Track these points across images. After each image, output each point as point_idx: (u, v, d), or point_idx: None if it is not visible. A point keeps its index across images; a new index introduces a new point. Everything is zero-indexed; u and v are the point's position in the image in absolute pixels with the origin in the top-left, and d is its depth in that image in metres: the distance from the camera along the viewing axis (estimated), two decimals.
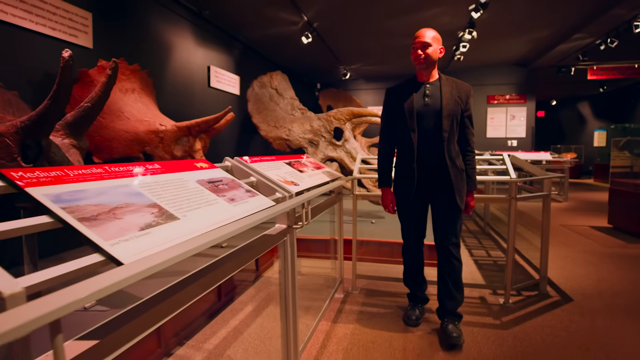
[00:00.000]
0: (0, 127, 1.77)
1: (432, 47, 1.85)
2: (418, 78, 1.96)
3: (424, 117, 1.89)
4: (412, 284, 2.20)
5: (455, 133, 1.92)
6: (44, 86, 2.73)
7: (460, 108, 1.90)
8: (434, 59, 1.88)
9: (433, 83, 1.93)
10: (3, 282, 0.45)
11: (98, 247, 0.61)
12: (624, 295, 2.53)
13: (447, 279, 1.98)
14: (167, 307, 0.76)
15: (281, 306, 1.45)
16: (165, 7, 4.12)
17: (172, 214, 0.83)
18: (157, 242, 0.70)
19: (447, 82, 1.93)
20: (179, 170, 1.09)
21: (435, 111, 1.87)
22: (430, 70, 1.92)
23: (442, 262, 2.01)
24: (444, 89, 1.89)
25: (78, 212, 0.67)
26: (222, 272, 0.96)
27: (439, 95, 1.89)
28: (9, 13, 2.49)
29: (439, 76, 1.95)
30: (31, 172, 0.71)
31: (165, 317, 0.75)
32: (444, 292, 2.01)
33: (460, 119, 1.91)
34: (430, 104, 1.88)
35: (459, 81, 1.96)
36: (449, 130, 1.86)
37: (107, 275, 0.55)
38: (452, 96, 1.88)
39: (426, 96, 1.90)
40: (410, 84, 1.97)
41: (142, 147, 2.91)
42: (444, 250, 1.98)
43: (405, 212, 2.07)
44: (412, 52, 1.91)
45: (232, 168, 1.45)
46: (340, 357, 1.80)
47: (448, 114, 1.85)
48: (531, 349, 1.87)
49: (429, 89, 1.91)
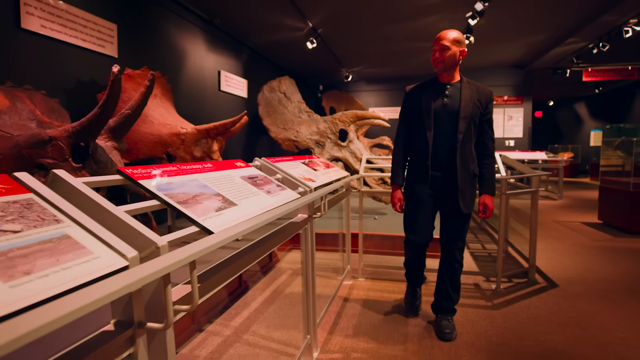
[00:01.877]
0: (54, 132, 2.03)
1: (452, 50, 1.84)
2: (439, 79, 1.96)
3: (442, 117, 1.89)
4: (412, 278, 2.25)
5: (473, 137, 1.91)
6: (76, 93, 3.00)
7: (479, 111, 1.89)
8: (453, 62, 1.87)
9: (454, 85, 1.92)
10: (155, 238, 0.71)
11: (195, 222, 0.87)
12: (605, 282, 2.79)
13: (447, 280, 2.03)
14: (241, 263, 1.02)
15: (303, 283, 1.71)
16: (180, 17, 4.39)
17: (232, 201, 1.09)
18: (229, 219, 0.96)
19: (467, 84, 1.92)
20: (225, 169, 1.35)
21: (453, 112, 1.87)
22: (451, 72, 1.91)
23: (444, 263, 2.04)
24: (464, 91, 1.88)
25: (174, 197, 0.93)
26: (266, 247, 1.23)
27: (458, 96, 1.88)
28: (48, 27, 2.75)
29: (461, 78, 1.94)
30: (134, 169, 0.97)
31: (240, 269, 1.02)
32: (442, 292, 2.06)
33: (478, 122, 1.91)
34: (449, 105, 1.88)
35: (480, 85, 1.96)
36: (464, 132, 1.85)
37: (205, 240, 0.81)
38: (472, 99, 1.87)
39: (445, 97, 1.90)
40: (430, 84, 1.98)
41: (165, 148, 3.18)
42: (448, 252, 2.00)
43: (413, 211, 2.03)
44: (432, 54, 1.91)
45: (262, 167, 1.71)
46: (350, 332, 2.06)
47: (465, 115, 1.85)
48: (517, 325, 2.13)
49: (449, 90, 1.91)
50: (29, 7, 2.60)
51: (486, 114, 1.92)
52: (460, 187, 1.87)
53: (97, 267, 0.58)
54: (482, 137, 1.94)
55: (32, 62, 2.67)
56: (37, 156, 2.03)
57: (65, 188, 0.74)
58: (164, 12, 4.12)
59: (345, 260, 2.92)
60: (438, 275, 2.09)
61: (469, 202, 1.91)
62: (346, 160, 4.31)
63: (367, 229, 3.60)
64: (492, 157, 1.96)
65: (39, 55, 2.71)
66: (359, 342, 1.96)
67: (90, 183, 0.81)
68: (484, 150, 1.95)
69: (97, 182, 0.84)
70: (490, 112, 1.94)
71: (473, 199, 1.95)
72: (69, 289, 0.51)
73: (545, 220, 5.12)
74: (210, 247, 0.77)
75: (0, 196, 0.62)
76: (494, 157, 1.97)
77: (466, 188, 1.89)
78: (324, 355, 1.83)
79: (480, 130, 1.93)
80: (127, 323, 0.65)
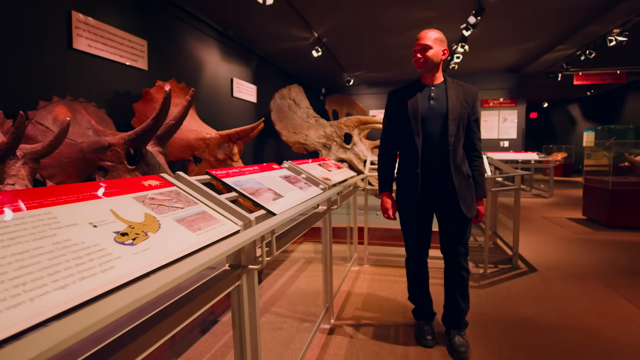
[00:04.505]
0: (112, 139, 2.44)
1: (433, 49, 1.78)
2: (422, 80, 1.88)
3: (429, 120, 1.81)
4: (417, 298, 2.09)
5: (461, 138, 1.85)
6: (115, 103, 3.40)
7: (466, 112, 1.83)
8: (436, 62, 1.80)
9: (438, 86, 1.85)
10: (248, 215, 1.12)
11: (263, 207, 1.28)
12: (578, 268, 3.21)
13: (455, 290, 1.93)
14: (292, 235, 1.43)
15: (322, 260, 2.12)
16: (199, 30, 4.79)
17: (279, 193, 1.50)
18: (282, 206, 1.36)
19: (452, 84, 1.85)
20: (266, 170, 1.76)
21: (441, 115, 1.79)
22: (434, 73, 1.84)
23: (450, 273, 1.95)
24: (450, 92, 1.81)
25: (245, 190, 1.34)
26: (303, 228, 1.64)
27: (444, 98, 1.81)
28: (93, 46, 3.16)
29: (444, 79, 1.87)
30: (217, 171, 1.38)
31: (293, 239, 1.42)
32: (451, 303, 1.96)
33: (466, 123, 1.85)
34: (436, 107, 1.81)
35: (465, 84, 1.88)
36: (455, 134, 1.78)
37: (273, 218, 1.22)
38: (459, 99, 1.81)
39: (431, 99, 1.82)
40: (414, 86, 1.89)
41: (193, 151, 3.58)
42: (452, 261, 1.93)
43: (408, 221, 1.97)
44: (413, 55, 1.84)
45: (289, 168, 2.12)
46: (359, 306, 2.47)
47: (454, 117, 1.78)
48: (499, 300, 2.55)
49: (434, 91, 1.83)
50: (79, 29, 3.00)
51: (473, 114, 1.86)
52: (459, 191, 1.80)
53: (225, 230, 0.99)
54: (470, 137, 1.89)
55: (81, 77, 3.07)
56: (98, 159, 2.44)
57: (187, 183, 1.15)
58: (185, 27, 4.53)
59: (353, 250, 3.33)
60: (445, 286, 1.99)
61: (471, 205, 1.85)
62: (350, 162, 4.72)
63: (371, 223, 4.01)
64: (480, 159, 1.93)
65: (85, 71, 3.11)
66: (367, 312, 2.37)
67: (197, 180, 1.22)
68: (473, 152, 1.91)
69: (199, 180, 1.25)
70: (477, 112, 1.87)
71: (474, 201, 1.88)
72: (217, 239, 0.92)
73: (534, 216, 5.54)
74: (277, 223, 1.18)
75: (161, 188, 1.03)
76: (482, 157, 1.94)
77: (465, 192, 1.82)
78: (339, 322, 2.24)
79: (468, 130, 1.87)
80: (236, 266, 1.06)
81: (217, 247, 0.85)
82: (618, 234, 4.42)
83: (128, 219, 0.79)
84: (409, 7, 4.95)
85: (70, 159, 2.47)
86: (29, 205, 0.68)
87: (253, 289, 1.12)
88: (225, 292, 0.99)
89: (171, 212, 0.92)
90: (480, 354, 1.89)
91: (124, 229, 0.75)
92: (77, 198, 0.77)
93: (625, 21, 5.65)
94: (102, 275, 0.61)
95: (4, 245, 0.56)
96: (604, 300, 2.53)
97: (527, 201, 7.11)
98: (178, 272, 0.68)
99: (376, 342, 2.01)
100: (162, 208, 0.92)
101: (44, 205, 0.70)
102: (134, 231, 0.76)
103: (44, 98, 2.58)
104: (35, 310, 0.49)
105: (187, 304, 0.85)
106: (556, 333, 2.11)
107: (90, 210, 0.76)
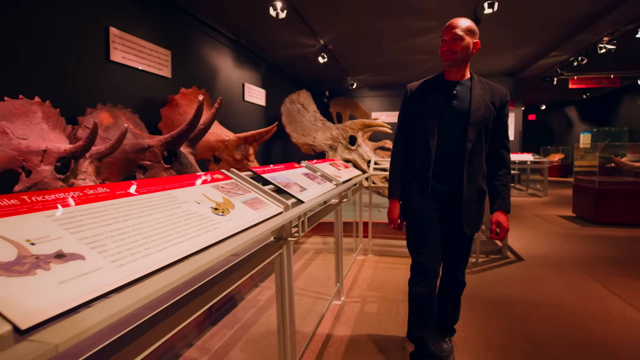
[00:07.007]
0: (151, 141, 2.80)
1: (465, 40, 1.54)
2: (446, 76, 1.67)
3: (448, 121, 1.61)
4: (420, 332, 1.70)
5: (484, 146, 1.64)
6: (144, 108, 3.77)
7: (492, 115, 1.61)
8: (465, 55, 1.57)
9: (463, 83, 1.63)
10: (286, 201, 1.48)
11: (293, 196, 1.64)
12: (561, 258, 3.57)
13: (447, 300, 1.85)
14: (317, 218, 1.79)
15: (335, 244, 2.48)
16: (214, 39, 5.16)
17: (304, 187, 1.86)
18: (308, 196, 1.72)
19: (479, 83, 1.64)
20: (290, 168, 2.13)
21: (462, 116, 1.60)
22: (462, 68, 1.62)
23: (445, 283, 1.85)
24: (475, 91, 1.60)
25: (280, 183, 1.70)
26: (321, 215, 2.01)
27: (468, 97, 1.60)
28: (127, 58, 3.53)
29: (471, 76, 1.66)
30: (258, 168, 1.74)
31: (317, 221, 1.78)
32: (441, 311, 1.86)
33: (492, 128, 1.64)
34: (457, 107, 1.61)
35: (494, 84, 1.67)
36: (474, 140, 1.59)
37: (303, 205, 1.58)
38: (484, 100, 1.60)
39: (454, 97, 1.62)
40: (436, 82, 1.69)
41: (213, 152, 3.95)
42: (450, 275, 1.82)
43: (415, 233, 1.71)
44: (440, 46, 1.60)
45: (307, 167, 2.48)
46: (366, 286, 2.83)
47: (476, 120, 1.58)
48: (487, 283, 2.90)
49: (457, 89, 1.62)
50: (115, 43, 3.37)
51: (503, 117, 1.65)
52: (465, 204, 1.61)
53: (272, 211, 1.35)
54: (496, 148, 1.68)
55: (117, 86, 3.44)
56: (138, 159, 2.80)
57: (239, 177, 1.51)
58: (203, 37, 4.90)
59: (358, 242, 3.69)
60: (438, 294, 1.83)
61: (475, 222, 1.66)
62: (355, 162, 5.08)
63: (375, 218, 4.37)
64: (507, 170, 1.69)
65: (120, 80, 3.48)
66: (372, 292, 2.73)
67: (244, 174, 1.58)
68: (499, 163, 1.69)
69: (247, 174, 1.61)
70: (505, 116, 1.66)
71: (479, 219, 1.69)
72: (268, 217, 1.28)
73: (527, 214, 5.89)
74: (306, 208, 1.54)
75: (224, 180, 1.40)
76: (509, 170, 1.70)
77: (471, 206, 1.63)
78: (349, 299, 2.60)
79: (494, 138, 1.66)
80: (279, 238, 1.42)
81: (269, 222, 1.21)
82: (603, 229, 4.77)
83: (215, 200, 1.16)
84: (408, 17, 5.31)
85: (115, 158, 2.83)
86: (156, 189, 1.05)
87: (290, 256, 1.48)
88: (272, 256, 1.36)
89: (237, 196, 1.29)
90: (467, 324, 2.25)
91: (215, 206, 1.12)
92: (181, 185, 1.14)
93: (614, 30, 6.01)
94: (214, 232, 0.97)
95: (154, 211, 0.93)
96: (580, 284, 2.89)
97: (522, 200, 7.46)
98: (253, 234, 1.04)
99: (380, 314, 2.37)
100: (231, 194, 1.28)
101: (166, 189, 1.06)
102: (221, 207, 1.13)
103: (90, 105, 2.95)
104: (181, 249, 0.85)
105: (247, 263, 1.21)
106: (534, 308, 2.47)
107: (192, 193, 1.12)
